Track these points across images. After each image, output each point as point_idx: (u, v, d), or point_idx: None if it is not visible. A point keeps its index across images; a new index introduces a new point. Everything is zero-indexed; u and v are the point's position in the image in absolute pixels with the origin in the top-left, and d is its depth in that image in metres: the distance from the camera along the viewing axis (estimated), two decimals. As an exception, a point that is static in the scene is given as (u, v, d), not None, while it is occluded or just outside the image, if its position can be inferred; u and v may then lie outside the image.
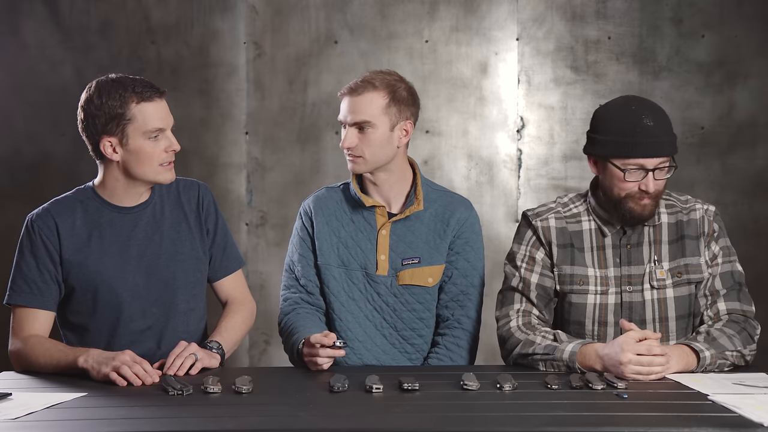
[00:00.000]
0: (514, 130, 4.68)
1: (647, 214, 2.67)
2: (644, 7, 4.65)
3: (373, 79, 2.85)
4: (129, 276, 2.69)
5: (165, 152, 2.65)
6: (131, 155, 2.63)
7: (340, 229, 2.92)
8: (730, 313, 2.69)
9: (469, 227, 2.93)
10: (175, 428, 2.02)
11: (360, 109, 2.83)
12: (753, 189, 4.68)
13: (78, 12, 4.63)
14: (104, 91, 2.62)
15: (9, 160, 4.66)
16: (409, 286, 2.89)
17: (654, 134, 2.60)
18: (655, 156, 2.61)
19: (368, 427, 2.03)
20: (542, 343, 2.61)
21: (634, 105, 2.66)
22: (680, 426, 1.98)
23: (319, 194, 3.00)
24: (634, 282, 2.71)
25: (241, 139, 4.67)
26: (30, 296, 2.66)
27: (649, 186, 2.62)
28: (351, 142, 2.84)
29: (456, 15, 4.66)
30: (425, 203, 2.91)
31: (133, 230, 2.71)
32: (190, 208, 2.81)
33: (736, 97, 4.66)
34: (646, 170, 2.61)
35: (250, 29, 4.65)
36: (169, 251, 2.74)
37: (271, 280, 4.58)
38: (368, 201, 2.90)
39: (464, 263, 2.92)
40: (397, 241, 2.89)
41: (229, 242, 2.88)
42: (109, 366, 2.43)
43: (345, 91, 2.87)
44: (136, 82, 2.63)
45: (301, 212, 3.00)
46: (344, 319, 2.90)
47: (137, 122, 2.61)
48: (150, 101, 2.62)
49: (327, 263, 2.91)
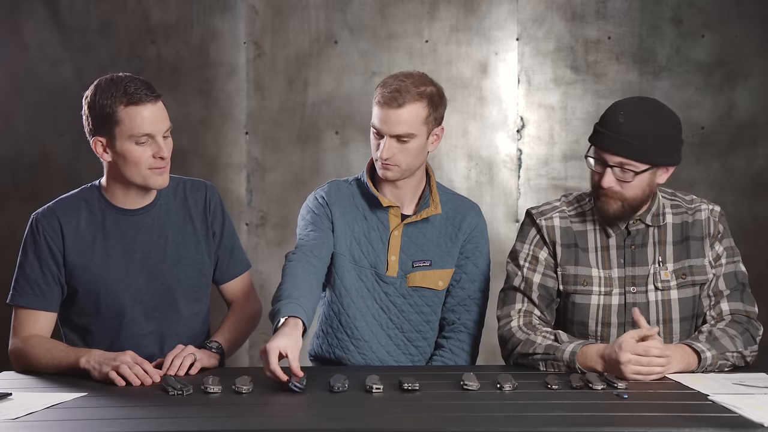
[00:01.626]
0: (514, 130, 4.68)
1: (610, 214, 2.65)
2: (644, 7, 4.65)
3: (411, 87, 2.75)
4: (132, 280, 2.67)
5: (153, 157, 2.59)
6: (119, 157, 2.60)
7: (354, 224, 2.87)
8: (733, 313, 2.69)
9: (479, 232, 2.93)
10: (175, 428, 2.02)
11: (403, 121, 2.74)
12: (753, 189, 4.68)
13: (78, 12, 4.63)
14: (99, 90, 2.59)
15: (9, 160, 4.66)
16: (419, 288, 2.88)
17: (619, 131, 2.58)
18: (608, 150, 2.59)
19: (368, 427, 2.03)
20: (543, 344, 2.60)
21: (630, 102, 2.67)
22: (680, 426, 1.98)
23: (332, 185, 2.93)
24: (638, 283, 2.71)
25: (241, 139, 4.67)
26: (32, 297, 2.65)
27: (602, 180, 2.61)
28: (390, 153, 2.76)
29: (456, 15, 4.66)
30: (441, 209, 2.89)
31: (137, 233, 2.69)
32: (197, 211, 2.78)
33: (736, 97, 4.66)
34: (606, 164, 2.61)
35: (250, 29, 4.65)
36: (173, 255, 2.72)
37: (271, 280, 4.58)
38: (385, 201, 2.85)
39: (473, 268, 2.92)
40: (408, 243, 2.88)
41: (236, 245, 2.86)
42: (109, 366, 2.43)
43: (383, 100, 2.75)
44: (131, 84, 2.57)
45: (315, 197, 2.90)
46: (351, 316, 2.88)
47: (124, 125, 2.56)
48: (139, 104, 2.55)
49: (341, 253, 2.85)
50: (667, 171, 2.66)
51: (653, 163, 2.60)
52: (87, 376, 2.47)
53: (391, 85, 2.75)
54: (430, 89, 2.78)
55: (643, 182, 2.62)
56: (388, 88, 2.75)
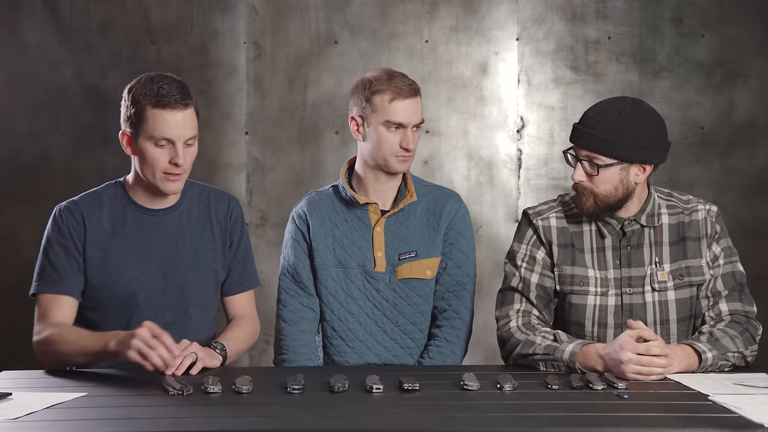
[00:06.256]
0: (514, 130, 4.68)
1: (585, 210, 2.68)
2: (644, 7, 4.65)
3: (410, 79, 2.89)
4: (147, 278, 2.69)
5: (169, 163, 2.62)
6: (138, 153, 2.65)
7: (334, 229, 2.93)
8: (732, 313, 2.69)
9: (461, 218, 2.97)
10: (175, 428, 2.02)
11: (419, 109, 2.89)
12: (753, 189, 4.68)
13: (78, 12, 4.63)
14: (138, 85, 2.64)
15: (9, 160, 4.66)
16: (409, 279, 2.91)
17: (587, 124, 2.63)
18: (576, 143, 2.66)
19: (368, 427, 2.03)
20: (542, 344, 2.60)
21: (609, 100, 2.71)
22: (680, 426, 1.98)
23: (310, 197, 3.00)
24: (634, 284, 2.70)
25: (241, 139, 4.67)
26: (60, 284, 2.65)
27: (573, 174, 2.67)
28: (416, 143, 2.89)
29: (456, 15, 4.66)
30: (416, 197, 2.93)
31: (156, 233, 2.72)
32: (218, 219, 2.81)
33: (736, 97, 4.67)
34: (576, 158, 2.67)
35: (250, 29, 4.65)
36: (190, 259, 2.74)
37: (271, 279, 4.57)
38: (362, 199, 2.91)
39: (458, 254, 2.95)
40: (392, 237, 2.91)
41: (249, 260, 2.88)
42: (132, 348, 2.42)
43: (404, 93, 2.85)
44: (165, 86, 2.60)
45: (294, 216, 2.99)
46: (344, 319, 2.91)
47: (147, 125, 2.60)
48: (165, 108, 2.59)
49: (324, 264, 2.92)
50: (643, 170, 2.65)
51: (621, 158, 2.61)
52: (86, 375, 2.47)
53: (401, 79, 2.86)
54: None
55: (613, 178, 2.63)
56: (399, 82, 2.85)
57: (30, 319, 2.70)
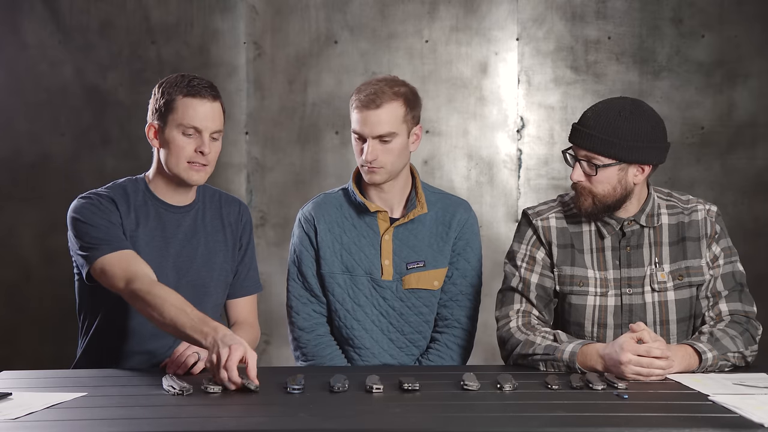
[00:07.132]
0: (514, 130, 4.68)
1: (583, 210, 2.68)
2: (644, 7, 4.65)
3: (385, 88, 2.80)
4: (163, 272, 2.69)
5: (195, 152, 2.66)
6: (165, 144, 2.68)
7: (342, 235, 2.91)
8: (732, 314, 2.68)
9: (470, 228, 2.95)
10: (175, 428, 2.02)
11: (383, 121, 2.79)
12: (753, 189, 4.68)
13: (78, 12, 4.63)
14: (169, 80, 2.71)
15: (9, 160, 4.66)
16: (416, 290, 2.90)
17: (586, 124, 2.63)
18: (575, 143, 2.66)
19: (368, 427, 2.03)
20: (542, 344, 2.60)
21: (608, 100, 2.71)
22: (680, 426, 1.98)
23: (318, 200, 2.98)
24: (634, 284, 2.70)
25: (241, 139, 4.67)
26: (117, 242, 2.60)
27: (572, 174, 2.67)
28: (374, 155, 2.80)
29: (456, 15, 4.66)
30: (426, 209, 2.91)
31: (175, 229, 2.75)
32: (229, 221, 2.85)
33: (736, 97, 4.67)
34: (575, 158, 2.66)
35: (250, 29, 4.65)
36: (204, 258, 2.77)
37: (271, 279, 4.57)
38: (372, 206, 2.88)
39: (464, 263, 2.93)
40: (400, 246, 2.90)
41: (253, 264, 2.92)
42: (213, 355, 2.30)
43: (360, 104, 2.80)
44: (196, 80, 2.69)
45: (301, 219, 2.97)
46: (350, 327, 2.91)
47: (177, 113, 2.65)
48: (196, 97, 2.66)
49: (331, 271, 2.91)
50: (641, 171, 2.65)
51: (619, 158, 2.61)
52: (88, 375, 2.47)
53: (366, 89, 2.82)
54: (404, 89, 2.85)
55: (612, 178, 2.63)
56: (363, 92, 2.82)
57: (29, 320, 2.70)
